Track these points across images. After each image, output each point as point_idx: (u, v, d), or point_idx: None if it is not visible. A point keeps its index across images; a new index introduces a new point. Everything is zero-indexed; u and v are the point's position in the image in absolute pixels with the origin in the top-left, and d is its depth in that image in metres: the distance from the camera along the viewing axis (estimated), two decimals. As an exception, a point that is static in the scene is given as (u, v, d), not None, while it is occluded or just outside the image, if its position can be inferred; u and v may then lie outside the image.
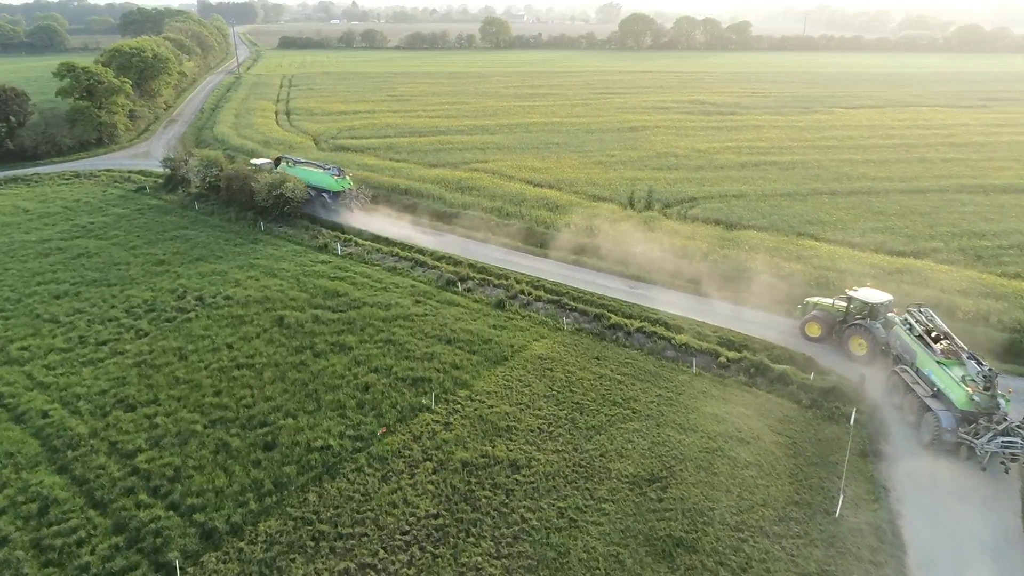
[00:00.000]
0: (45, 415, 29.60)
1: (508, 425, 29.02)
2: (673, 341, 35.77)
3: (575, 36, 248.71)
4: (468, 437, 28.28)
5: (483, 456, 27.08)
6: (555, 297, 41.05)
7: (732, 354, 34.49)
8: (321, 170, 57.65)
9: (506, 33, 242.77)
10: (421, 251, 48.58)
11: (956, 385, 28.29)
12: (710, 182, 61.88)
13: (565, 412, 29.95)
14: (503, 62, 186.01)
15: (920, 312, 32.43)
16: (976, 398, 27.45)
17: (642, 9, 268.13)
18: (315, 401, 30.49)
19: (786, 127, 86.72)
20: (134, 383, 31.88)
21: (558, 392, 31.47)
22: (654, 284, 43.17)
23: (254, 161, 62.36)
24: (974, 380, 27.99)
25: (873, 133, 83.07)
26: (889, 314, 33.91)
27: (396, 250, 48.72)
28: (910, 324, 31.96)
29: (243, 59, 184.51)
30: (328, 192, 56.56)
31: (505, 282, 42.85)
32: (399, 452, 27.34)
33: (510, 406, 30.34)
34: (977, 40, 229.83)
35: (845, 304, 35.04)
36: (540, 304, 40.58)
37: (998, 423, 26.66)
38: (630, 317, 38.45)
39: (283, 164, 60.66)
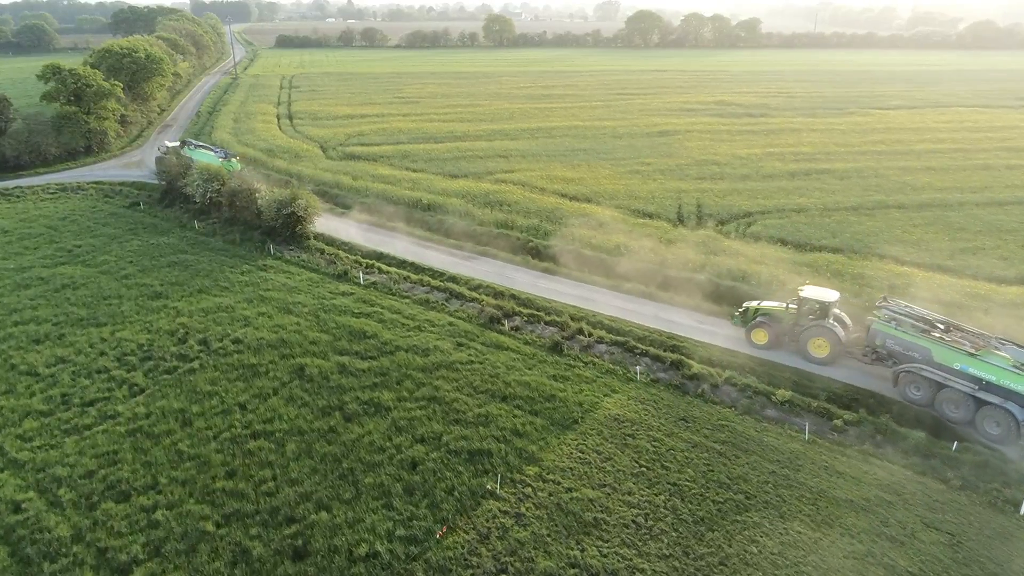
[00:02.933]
0: (17, 508, 23.72)
1: (595, 518, 23.27)
2: (773, 397, 30.04)
3: (580, 34, 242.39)
4: (548, 536, 22.52)
5: (572, 565, 21.35)
6: (619, 338, 35.24)
7: (848, 414, 28.80)
8: (212, 153, 61.71)
9: (510, 31, 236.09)
10: (454, 279, 42.74)
11: (1017, 376, 27.10)
12: (762, 194, 56.19)
13: (662, 498, 24.21)
14: (509, 61, 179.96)
15: (890, 304, 31.77)
16: None
17: (644, 7, 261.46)
18: (352, 485, 24.67)
19: (826, 130, 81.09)
20: (128, 461, 25.99)
21: (647, 468, 25.73)
22: (727, 320, 37.47)
23: (167, 143, 66.95)
24: None
25: (921, 137, 77.50)
26: (835, 311, 33.01)
27: (426, 278, 42.85)
28: (895, 320, 30.76)
29: (239, 59, 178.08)
30: None
31: (558, 319, 37.03)
32: (465, 559, 21.59)
33: (593, 489, 24.59)
34: (991, 36, 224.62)
35: (797, 307, 33.35)
36: (603, 347, 34.78)
37: None
38: (712, 364, 32.72)
39: (186, 147, 64.16)
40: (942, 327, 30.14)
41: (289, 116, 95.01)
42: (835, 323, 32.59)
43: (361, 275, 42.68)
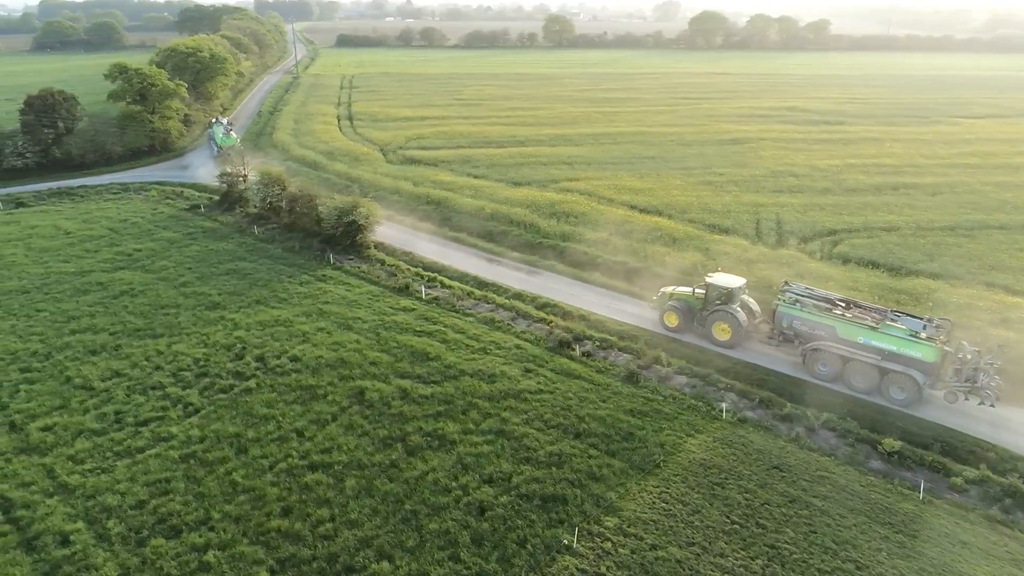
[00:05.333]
0: (65, 541, 22.39)
1: (685, 585, 20.75)
2: (879, 447, 26.96)
3: (641, 35, 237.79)
4: (633, 604, 20.12)
5: (662, 644, 18.90)
6: (700, 369, 32.51)
7: (968, 471, 25.57)
8: (222, 127, 74.17)
9: (569, 32, 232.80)
10: (520, 296, 40.53)
11: (916, 344, 29.12)
12: (846, 209, 52.49)
13: (760, 563, 21.52)
14: (569, 62, 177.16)
15: (793, 287, 33.72)
16: (948, 349, 29.27)
17: (705, 7, 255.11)
18: (416, 531, 22.65)
19: (910, 141, 76.32)
20: (180, 491, 24.51)
21: (740, 525, 23.05)
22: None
23: (212, 120, 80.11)
24: (921, 332, 29.32)
25: (1016, 149, 72.24)
26: (743, 297, 34.69)
27: (490, 294, 40.75)
28: (799, 302, 32.36)
29: (300, 58, 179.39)
30: (216, 144, 72.75)
31: (632, 345, 34.48)
32: (541, 629, 19.34)
33: (680, 548, 22.05)
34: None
35: (704, 292, 34.85)
36: (682, 378, 32.08)
37: (973, 361, 28.28)
38: (806, 403, 29.76)
39: (215, 123, 76.35)
40: (843, 305, 32.13)
41: (349, 117, 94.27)
42: (739, 309, 33.99)
43: (423, 289, 40.81)
